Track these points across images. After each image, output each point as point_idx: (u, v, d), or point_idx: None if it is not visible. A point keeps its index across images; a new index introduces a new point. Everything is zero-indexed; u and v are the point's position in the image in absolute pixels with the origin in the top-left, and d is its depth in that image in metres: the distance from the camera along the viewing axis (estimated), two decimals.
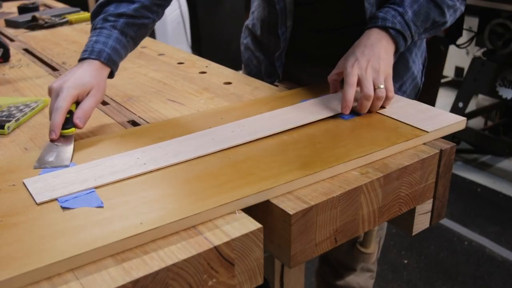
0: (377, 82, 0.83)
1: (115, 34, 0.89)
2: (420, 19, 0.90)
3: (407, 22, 0.89)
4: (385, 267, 2.05)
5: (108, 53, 0.87)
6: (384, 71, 0.85)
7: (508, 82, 2.47)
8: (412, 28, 0.90)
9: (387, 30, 0.89)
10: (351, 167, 0.72)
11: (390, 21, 0.89)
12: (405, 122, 0.83)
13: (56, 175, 0.69)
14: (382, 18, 0.89)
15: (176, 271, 0.54)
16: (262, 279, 0.62)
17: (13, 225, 0.58)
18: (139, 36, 0.95)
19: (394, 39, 0.89)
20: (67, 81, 0.81)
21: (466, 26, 2.71)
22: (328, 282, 1.32)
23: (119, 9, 0.90)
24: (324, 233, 0.67)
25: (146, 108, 0.98)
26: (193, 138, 0.79)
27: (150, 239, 0.57)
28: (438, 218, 0.85)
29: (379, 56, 0.85)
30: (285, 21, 1.03)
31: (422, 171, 0.76)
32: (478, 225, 2.30)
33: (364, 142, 0.75)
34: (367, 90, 0.83)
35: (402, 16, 0.89)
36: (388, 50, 0.88)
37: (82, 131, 0.87)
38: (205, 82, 1.13)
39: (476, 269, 2.03)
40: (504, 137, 2.82)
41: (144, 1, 0.92)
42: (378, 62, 0.85)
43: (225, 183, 0.66)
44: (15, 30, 1.73)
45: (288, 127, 0.82)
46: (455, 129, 0.83)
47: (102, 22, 0.90)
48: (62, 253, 0.53)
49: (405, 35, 0.89)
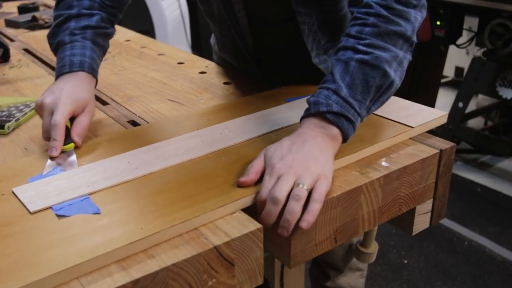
0: (297, 181, 0.62)
1: (89, 44, 0.88)
2: (359, 90, 0.70)
3: (346, 100, 0.69)
4: (385, 267, 2.05)
5: (90, 63, 0.86)
6: (317, 173, 0.63)
7: (508, 82, 2.47)
8: (355, 105, 0.70)
9: (323, 116, 0.69)
10: (343, 164, 0.72)
11: (323, 104, 0.69)
12: (389, 118, 0.84)
13: (47, 182, 0.68)
14: (313, 103, 0.70)
15: (176, 271, 0.54)
16: (262, 279, 0.62)
17: (9, 235, 0.57)
18: (106, 46, 0.95)
19: (336, 125, 0.69)
20: (61, 97, 0.79)
21: (466, 26, 2.71)
22: (319, 283, 1.33)
23: (81, 23, 0.89)
24: (324, 233, 0.67)
25: (146, 108, 0.98)
26: (182, 140, 0.79)
27: (152, 244, 0.56)
28: (438, 218, 0.85)
29: (311, 156, 0.66)
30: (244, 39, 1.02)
31: (422, 171, 0.76)
32: (478, 225, 2.30)
33: (353, 139, 0.75)
34: (274, 190, 0.61)
35: (337, 94, 0.70)
36: (326, 147, 0.68)
37: None
38: (205, 82, 1.13)
39: (476, 269, 2.03)
40: (504, 137, 2.82)
41: (101, 14, 0.92)
42: (308, 162, 0.65)
43: (222, 184, 0.66)
44: (15, 30, 1.73)
45: (276, 127, 0.83)
46: (437, 123, 0.85)
47: (70, 37, 0.88)
48: (65, 263, 0.52)
49: (348, 116, 0.69)
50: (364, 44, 0.71)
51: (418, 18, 0.75)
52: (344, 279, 1.28)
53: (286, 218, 0.60)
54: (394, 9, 0.73)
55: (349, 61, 0.71)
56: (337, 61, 0.72)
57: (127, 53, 1.38)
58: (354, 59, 0.71)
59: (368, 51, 0.71)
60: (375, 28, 0.72)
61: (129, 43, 1.51)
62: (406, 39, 0.74)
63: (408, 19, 0.74)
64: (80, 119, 0.81)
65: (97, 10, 0.92)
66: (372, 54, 0.71)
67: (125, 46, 1.47)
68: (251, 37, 1.03)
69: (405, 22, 0.73)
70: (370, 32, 0.72)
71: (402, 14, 0.73)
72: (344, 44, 0.73)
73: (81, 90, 0.82)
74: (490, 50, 2.50)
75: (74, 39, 0.88)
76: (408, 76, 2.97)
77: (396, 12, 0.73)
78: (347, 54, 0.72)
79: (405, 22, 0.73)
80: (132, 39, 1.55)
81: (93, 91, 0.87)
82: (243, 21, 1.00)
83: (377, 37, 0.72)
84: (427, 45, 2.90)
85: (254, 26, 1.01)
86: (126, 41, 1.52)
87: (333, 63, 0.73)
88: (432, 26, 2.62)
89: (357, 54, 0.71)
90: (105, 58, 1.33)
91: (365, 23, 0.73)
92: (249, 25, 1.01)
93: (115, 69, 1.23)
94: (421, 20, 0.76)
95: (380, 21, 0.72)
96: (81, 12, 0.90)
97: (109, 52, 1.39)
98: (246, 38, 1.03)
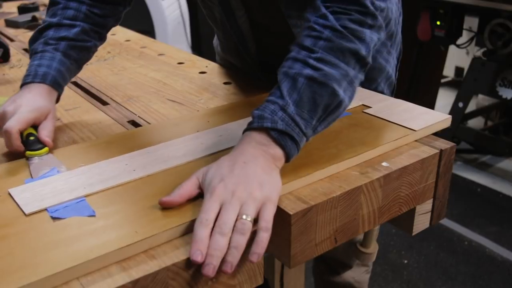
0: (241, 211, 0.59)
1: (59, 57, 0.87)
2: (306, 108, 0.66)
3: (293, 118, 0.65)
4: (385, 267, 2.05)
5: (53, 76, 0.84)
6: (261, 198, 0.60)
7: (508, 82, 2.47)
8: (301, 124, 0.66)
9: (267, 132, 0.65)
10: (343, 168, 0.72)
11: (268, 120, 0.65)
12: (392, 121, 0.83)
13: (44, 184, 0.68)
14: (258, 117, 0.66)
15: (176, 271, 0.54)
16: (262, 279, 0.62)
17: (3, 237, 0.57)
18: (82, 59, 0.93)
19: (280, 144, 0.65)
20: (22, 105, 0.79)
21: (466, 26, 2.71)
22: (323, 278, 1.34)
23: (59, 33, 0.88)
24: (324, 233, 0.67)
25: (146, 108, 0.98)
26: (181, 143, 0.79)
27: (147, 247, 0.56)
28: (438, 218, 0.85)
29: (254, 178, 0.61)
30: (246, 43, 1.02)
31: (422, 171, 0.76)
32: (478, 225, 2.30)
33: (354, 142, 0.75)
34: (220, 223, 0.57)
35: (284, 110, 0.65)
36: (269, 167, 0.64)
37: (82, 131, 0.88)
38: (205, 82, 1.13)
39: (476, 269, 2.03)
40: (504, 137, 2.82)
41: (84, 26, 0.90)
42: (251, 186, 0.60)
43: None
44: (15, 30, 1.73)
45: None
46: (441, 127, 0.84)
47: (43, 46, 0.87)
48: (58, 265, 0.52)
49: (292, 135, 0.65)
50: (315, 58, 0.68)
51: (373, 38, 0.72)
52: (349, 274, 1.29)
53: (232, 252, 0.56)
54: (348, 28, 0.69)
55: (297, 76, 0.67)
56: (285, 76, 0.68)
57: (127, 53, 1.38)
58: (303, 75, 0.67)
59: (318, 66, 0.67)
60: (328, 43, 0.69)
61: (129, 43, 1.51)
62: (359, 58, 0.70)
63: (363, 38, 0.70)
64: (44, 124, 0.80)
65: (80, 21, 0.90)
66: (322, 71, 0.67)
67: (125, 46, 1.47)
68: (254, 43, 1.02)
69: (359, 41, 0.70)
70: (323, 46, 0.68)
71: (355, 33, 0.70)
72: (295, 55, 0.70)
73: (42, 99, 0.82)
74: (490, 50, 2.50)
75: (45, 49, 0.86)
76: (408, 76, 2.98)
77: (350, 31, 0.69)
78: (296, 67, 0.68)
79: (360, 41, 0.70)
80: (132, 39, 1.55)
81: (54, 102, 0.86)
82: (244, 26, 0.99)
83: (329, 52, 0.68)
84: (427, 45, 2.90)
85: (256, 32, 1.00)
86: (126, 41, 1.52)
87: (280, 78, 0.69)
88: (432, 26, 2.62)
89: (306, 68, 0.67)
90: (105, 58, 1.33)
91: (320, 36, 0.69)
92: (251, 30, 1.00)
93: (115, 69, 1.23)
94: (377, 41, 0.73)
95: (334, 36, 0.69)
96: (62, 22, 0.89)
97: (109, 52, 1.40)
98: (249, 43, 1.02)
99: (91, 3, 0.91)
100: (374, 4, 0.71)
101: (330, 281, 1.31)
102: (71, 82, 1.16)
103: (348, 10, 0.70)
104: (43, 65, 0.85)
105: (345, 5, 0.70)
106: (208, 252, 0.55)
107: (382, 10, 0.73)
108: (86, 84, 1.14)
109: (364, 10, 0.70)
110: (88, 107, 1.00)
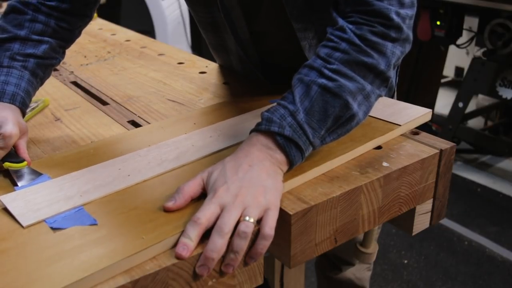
0: (245, 213, 0.58)
1: (27, 76, 0.82)
2: (316, 118, 0.65)
3: (301, 125, 0.64)
4: (385, 267, 2.05)
5: (22, 97, 0.80)
6: (265, 203, 0.59)
7: (508, 82, 2.47)
8: (309, 132, 0.65)
9: (273, 136, 0.64)
10: (337, 164, 0.72)
11: (276, 124, 0.64)
12: (376, 117, 0.84)
13: (35, 191, 0.66)
14: (266, 119, 0.65)
15: (176, 271, 0.54)
16: (262, 279, 0.62)
17: (2, 252, 0.55)
18: (46, 77, 0.89)
19: (284, 150, 0.64)
20: (8, 118, 0.74)
21: (466, 26, 2.71)
22: (326, 274, 1.35)
23: (26, 50, 0.83)
24: (324, 233, 0.67)
25: (146, 108, 0.98)
26: (171, 145, 0.78)
27: (155, 253, 0.55)
28: (438, 218, 0.85)
29: (259, 183, 0.61)
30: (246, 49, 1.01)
31: (422, 171, 0.76)
32: (478, 225, 2.30)
33: (343, 139, 0.74)
34: (220, 223, 0.57)
35: (293, 116, 0.65)
36: (274, 171, 0.63)
37: (82, 132, 0.88)
38: (205, 82, 1.13)
39: (476, 269, 2.03)
40: (504, 137, 2.82)
41: (52, 42, 0.86)
42: (255, 191, 0.60)
43: None
44: None
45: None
46: (423, 120, 0.85)
47: (9, 61, 0.81)
48: (67, 278, 0.50)
49: (298, 143, 0.64)
50: (331, 70, 0.67)
51: (396, 53, 0.69)
52: (351, 270, 1.30)
53: (233, 257, 0.56)
54: (368, 40, 0.67)
55: (311, 84, 0.66)
56: (300, 82, 0.68)
57: (127, 53, 1.38)
58: (317, 84, 0.66)
59: (333, 77, 0.66)
60: (345, 55, 0.67)
61: (129, 43, 1.51)
62: (378, 73, 0.68)
63: (383, 52, 0.68)
64: (21, 143, 0.77)
65: (48, 37, 0.86)
66: (337, 81, 0.66)
67: (125, 46, 1.47)
68: (255, 51, 1.01)
69: (379, 55, 0.68)
70: (339, 58, 0.67)
71: (376, 47, 0.68)
72: (311, 63, 0.69)
73: (19, 116, 0.79)
74: (490, 50, 2.50)
75: (13, 65, 0.81)
76: (408, 76, 2.98)
77: (370, 43, 0.67)
78: (311, 75, 0.67)
79: (379, 55, 0.68)
80: (132, 39, 1.55)
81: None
82: (245, 37, 0.98)
83: (346, 65, 0.67)
84: (427, 45, 2.90)
85: (257, 42, 0.99)
86: (126, 41, 1.52)
87: (294, 82, 0.68)
88: (432, 26, 2.63)
89: (321, 78, 0.66)
90: (105, 58, 1.33)
91: (336, 47, 0.68)
92: (252, 39, 0.99)
93: (115, 69, 1.23)
94: (400, 54, 0.70)
95: (351, 49, 0.67)
96: (30, 37, 0.84)
97: (109, 52, 1.40)
98: (249, 51, 1.01)
99: (59, 16, 0.87)
100: (399, 15, 0.68)
101: (332, 277, 1.33)
102: (71, 82, 1.16)
103: (371, 22, 0.68)
104: (11, 83, 0.80)
105: (368, 17, 0.68)
106: (205, 254, 0.55)
107: (410, 18, 0.71)
108: (86, 84, 1.14)
109: (387, 23, 0.68)
110: (88, 107, 1.00)
